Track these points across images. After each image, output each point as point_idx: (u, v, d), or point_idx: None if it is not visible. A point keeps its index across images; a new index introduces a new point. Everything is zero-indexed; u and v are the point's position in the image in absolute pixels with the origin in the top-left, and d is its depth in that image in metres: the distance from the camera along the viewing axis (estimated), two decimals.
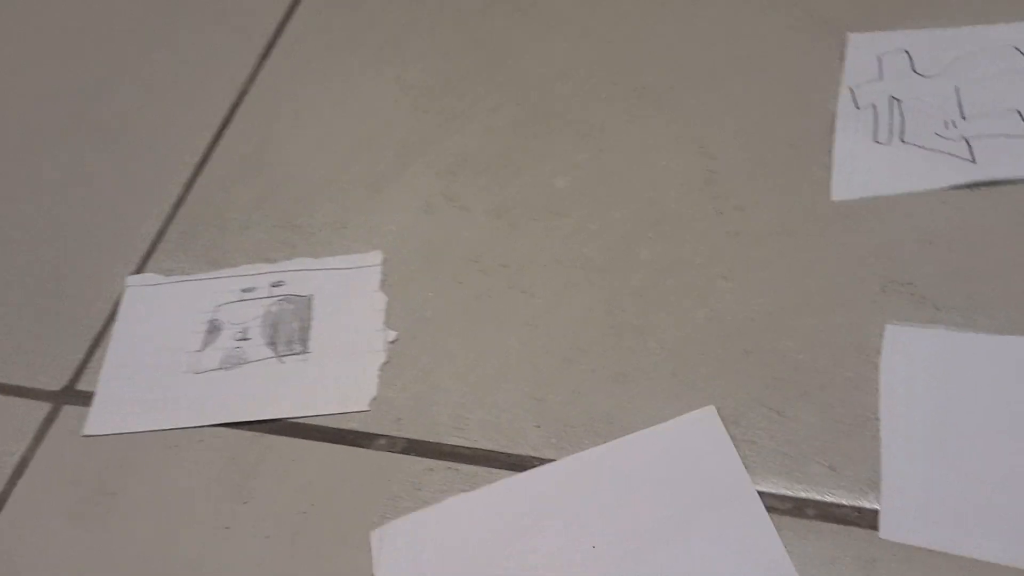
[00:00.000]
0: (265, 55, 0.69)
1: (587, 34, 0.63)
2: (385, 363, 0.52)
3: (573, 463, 0.45)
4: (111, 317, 0.57)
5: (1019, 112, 0.52)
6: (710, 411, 0.45)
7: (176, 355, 0.55)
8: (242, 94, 0.67)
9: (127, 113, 0.67)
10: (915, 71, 0.56)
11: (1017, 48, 0.55)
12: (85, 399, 0.54)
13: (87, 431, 0.53)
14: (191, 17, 0.72)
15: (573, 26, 0.63)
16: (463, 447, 0.48)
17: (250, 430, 0.51)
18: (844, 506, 0.42)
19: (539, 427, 0.47)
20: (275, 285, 0.56)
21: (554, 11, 0.64)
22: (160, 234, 0.61)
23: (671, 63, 0.60)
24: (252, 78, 0.67)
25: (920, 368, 0.45)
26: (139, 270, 0.59)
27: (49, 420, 0.54)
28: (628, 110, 0.59)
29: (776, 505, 0.43)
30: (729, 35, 0.61)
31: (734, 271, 0.51)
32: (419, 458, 0.48)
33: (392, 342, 0.52)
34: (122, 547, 0.48)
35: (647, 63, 0.61)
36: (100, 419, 0.53)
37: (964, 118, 0.53)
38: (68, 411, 0.54)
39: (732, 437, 0.45)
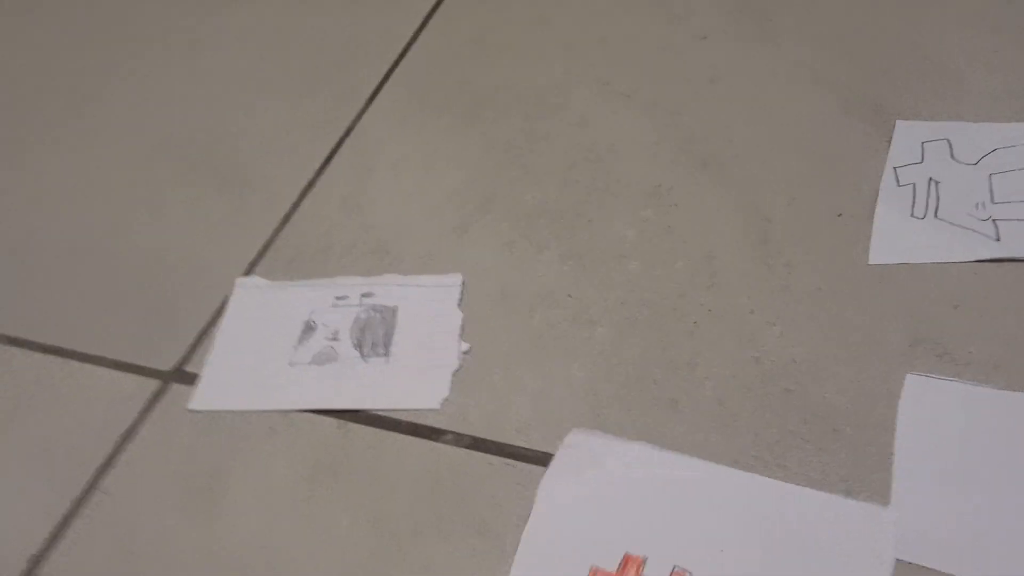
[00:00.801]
0: (364, 110, 0.77)
1: (656, 105, 0.70)
2: (457, 370, 0.58)
3: (752, 482, 0.48)
4: (219, 311, 0.65)
5: None
6: (886, 513, 0.46)
7: (274, 348, 0.62)
8: (340, 143, 0.74)
9: (241, 154, 0.76)
10: (954, 158, 0.62)
11: None
12: (191, 380, 0.62)
13: (192, 406, 0.60)
14: (294, 76, 0.80)
15: (643, 98, 0.71)
16: (522, 448, 0.54)
17: (335, 417, 0.58)
18: None
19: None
20: (365, 296, 0.64)
21: (629, 84, 0.72)
22: (266, 246, 0.69)
23: (734, 136, 0.67)
24: (349, 131, 0.75)
25: (933, 413, 0.50)
26: (247, 275, 0.67)
27: (158, 395, 0.61)
28: (692, 174, 0.65)
29: None
30: (789, 114, 0.67)
31: (780, 320, 0.57)
32: (482, 454, 0.54)
33: (465, 352, 0.59)
34: (221, 515, 0.55)
35: (712, 135, 0.67)
36: (204, 396, 0.60)
37: (994, 202, 0.59)
38: (176, 388, 0.62)
39: (764, 462, 0.50)
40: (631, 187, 0.66)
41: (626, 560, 0.46)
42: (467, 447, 0.55)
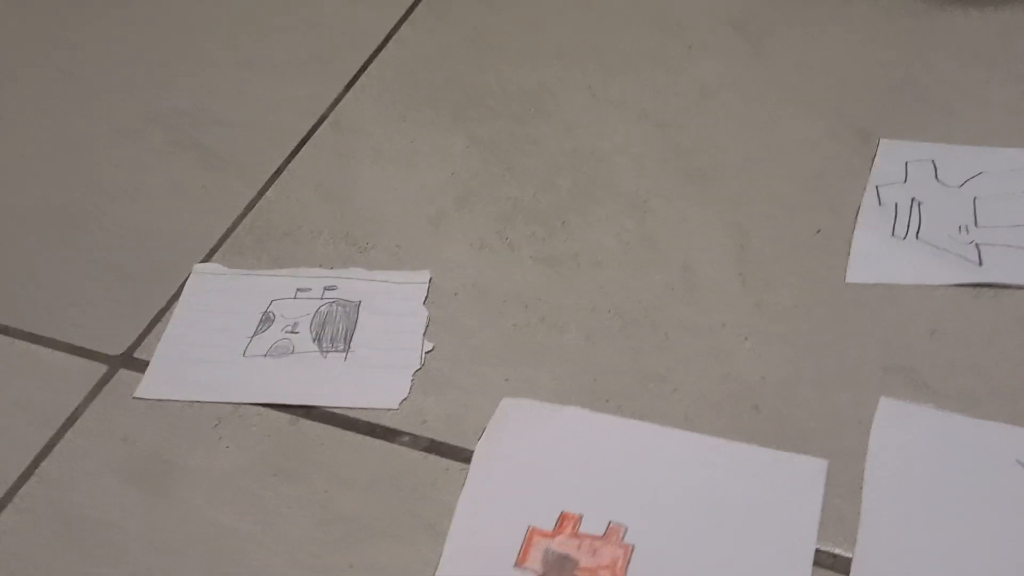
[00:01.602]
0: (345, 91, 0.75)
1: (645, 116, 0.69)
2: (419, 370, 0.56)
3: (686, 438, 0.50)
4: (174, 298, 0.63)
5: None
6: (816, 463, 0.48)
7: (229, 338, 0.60)
8: (315, 127, 0.72)
9: (217, 130, 0.74)
10: (938, 179, 0.61)
11: None
12: (140, 367, 0.59)
13: (138, 394, 0.58)
14: (282, 57, 0.78)
15: (633, 108, 0.69)
16: None
17: (288, 413, 0.56)
18: (822, 551, 0.46)
19: None
20: (328, 288, 0.62)
21: (619, 93, 0.70)
22: (228, 232, 0.67)
23: (720, 151, 0.65)
24: (331, 108, 0.73)
25: (905, 439, 0.49)
26: (207, 260, 0.65)
27: (104, 380, 0.59)
28: (675, 186, 0.64)
29: None
30: (776, 134, 0.66)
31: (752, 336, 0.55)
32: (439, 458, 0.52)
33: (428, 352, 0.57)
34: (163, 504, 0.52)
35: (698, 149, 0.66)
36: (152, 384, 0.58)
37: (977, 226, 0.57)
38: (123, 375, 0.59)
39: None
40: (613, 195, 0.64)
41: (563, 518, 0.47)
42: (424, 450, 0.53)
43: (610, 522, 0.47)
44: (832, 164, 0.63)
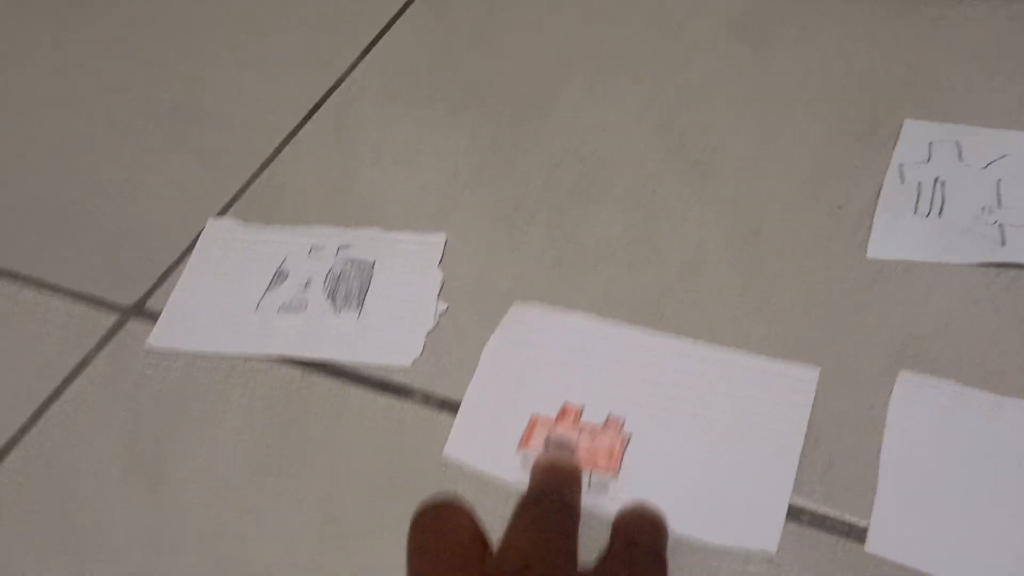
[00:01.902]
0: (337, 85, 0.73)
1: (648, 111, 0.66)
2: (432, 330, 0.56)
3: (681, 344, 0.52)
4: (188, 250, 0.62)
5: None
6: (810, 371, 0.50)
7: (241, 292, 0.59)
8: (310, 113, 0.71)
9: (227, 93, 0.73)
10: (962, 160, 0.60)
11: None
12: (152, 317, 0.59)
13: (149, 343, 0.57)
14: (277, 45, 0.77)
15: (636, 103, 0.67)
16: None
17: (299, 368, 0.55)
18: (836, 519, 0.45)
19: None
20: (343, 247, 0.61)
21: (621, 88, 0.68)
22: (243, 189, 0.66)
23: (725, 147, 0.63)
24: (324, 100, 0.72)
25: (923, 412, 0.48)
26: (221, 215, 0.64)
27: (115, 330, 0.59)
28: (679, 181, 0.62)
29: None
30: (783, 128, 0.64)
31: (766, 322, 0.54)
32: (449, 416, 0.52)
33: (443, 313, 0.56)
34: (171, 450, 0.52)
35: (702, 144, 0.64)
36: (163, 334, 0.58)
37: (1000, 206, 0.57)
38: (134, 325, 0.59)
39: None
40: (617, 188, 0.62)
41: (565, 409, 0.50)
42: (436, 408, 0.52)
43: (609, 414, 0.49)
44: (844, 156, 0.62)
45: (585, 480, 0.46)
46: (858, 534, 0.45)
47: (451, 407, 0.52)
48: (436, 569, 0.34)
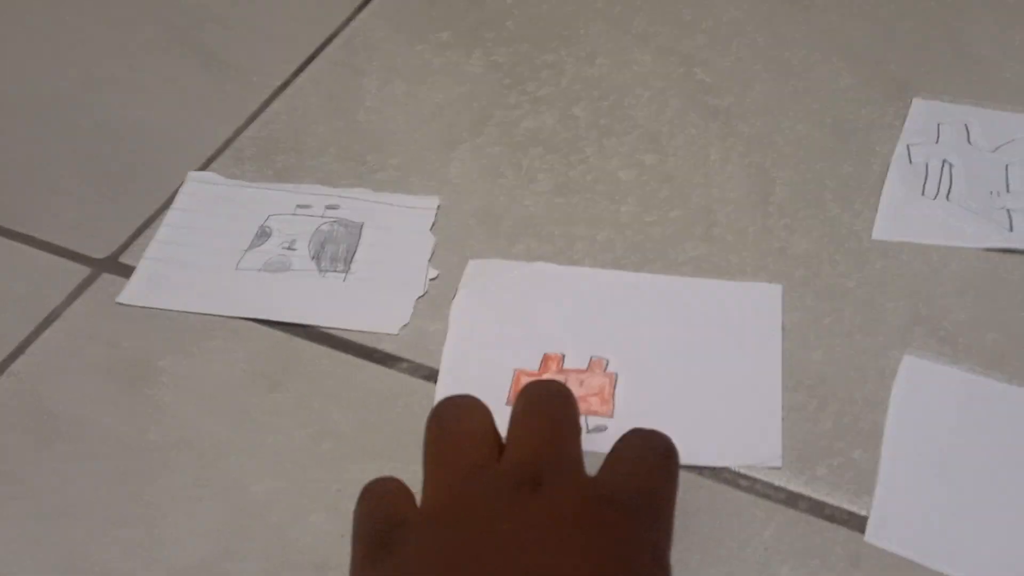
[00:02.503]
0: (360, 8, 0.71)
1: (673, 52, 0.66)
2: (422, 296, 0.54)
3: (648, 279, 0.53)
4: (166, 204, 0.59)
5: None
6: (774, 288, 0.51)
7: (221, 250, 0.56)
8: (329, 40, 0.69)
9: (226, 35, 0.70)
10: (970, 143, 0.59)
11: None
12: (126, 272, 0.56)
13: (121, 299, 0.54)
14: None
15: (661, 43, 0.67)
16: None
17: (281, 330, 0.53)
18: (835, 507, 0.44)
19: None
20: (330, 207, 0.58)
21: (647, 27, 0.68)
22: (229, 142, 0.63)
23: (749, 93, 0.63)
24: (347, 23, 0.70)
25: (928, 399, 0.47)
26: (204, 169, 0.61)
27: (87, 283, 0.56)
28: (699, 125, 0.61)
29: (771, 494, 0.45)
30: (809, 79, 0.64)
31: (773, 282, 0.53)
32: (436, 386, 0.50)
33: (433, 279, 0.54)
34: (145, 406, 0.50)
35: (726, 89, 0.63)
36: (136, 291, 0.55)
37: (1009, 191, 0.56)
38: (107, 279, 0.56)
39: None
40: (633, 129, 0.61)
41: (545, 359, 0.49)
42: (423, 377, 0.50)
43: (591, 357, 0.49)
44: (865, 114, 0.61)
45: (583, 425, 0.44)
46: (858, 523, 0.43)
47: (437, 377, 0.50)
48: (456, 459, 0.35)
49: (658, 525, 0.33)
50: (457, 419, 0.38)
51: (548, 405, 0.38)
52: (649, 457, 0.36)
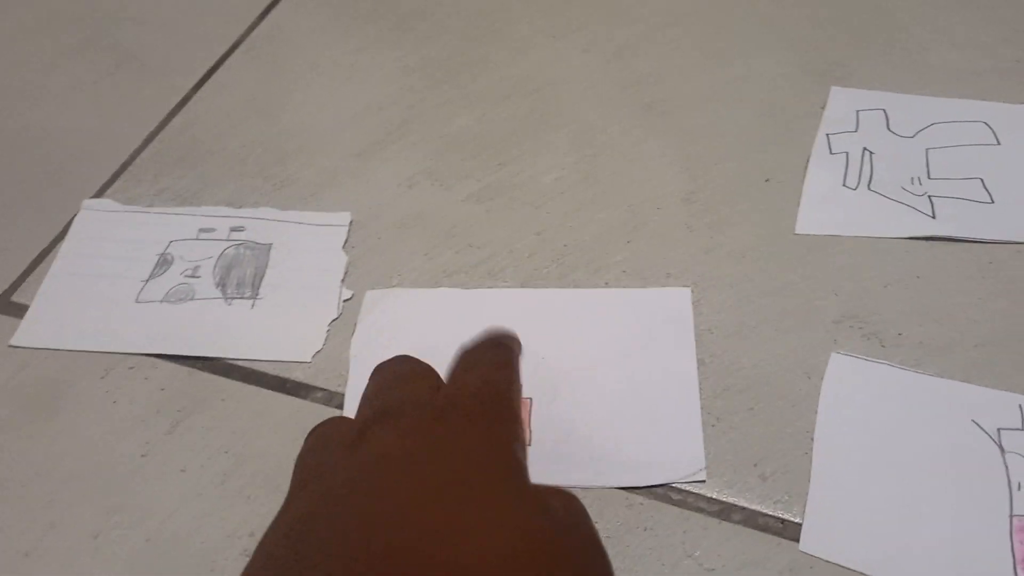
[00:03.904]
0: (271, 7, 0.68)
1: (606, 43, 0.64)
2: (335, 320, 0.51)
3: (552, 295, 0.51)
4: (60, 236, 0.56)
5: (982, 180, 0.54)
6: (684, 293, 0.50)
7: (120, 282, 0.53)
8: (240, 40, 0.66)
9: (134, 38, 0.67)
10: (889, 129, 0.58)
11: (987, 124, 0.57)
12: (19, 311, 0.52)
13: (14, 341, 0.51)
14: None
15: (593, 34, 0.65)
16: None
17: (186, 365, 0.50)
18: (769, 516, 0.43)
19: None
20: (235, 229, 0.56)
21: (578, 19, 0.66)
22: (126, 165, 0.60)
23: (682, 84, 0.62)
24: (254, 27, 0.67)
25: (857, 398, 0.46)
26: (99, 196, 0.58)
27: None
28: (631, 119, 0.60)
29: (704, 507, 0.43)
30: (742, 67, 0.62)
31: (700, 284, 0.51)
32: None
33: (347, 300, 0.52)
34: (40, 455, 0.46)
35: (658, 80, 0.62)
36: (30, 331, 0.51)
37: (930, 178, 0.55)
38: None
39: None
40: (559, 129, 0.60)
41: None
42: (338, 407, 0.48)
43: None
44: (797, 102, 0.60)
45: None
46: (793, 531, 0.42)
47: None
48: (397, 387, 0.34)
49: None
50: (397, 368, 0.37)
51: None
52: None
